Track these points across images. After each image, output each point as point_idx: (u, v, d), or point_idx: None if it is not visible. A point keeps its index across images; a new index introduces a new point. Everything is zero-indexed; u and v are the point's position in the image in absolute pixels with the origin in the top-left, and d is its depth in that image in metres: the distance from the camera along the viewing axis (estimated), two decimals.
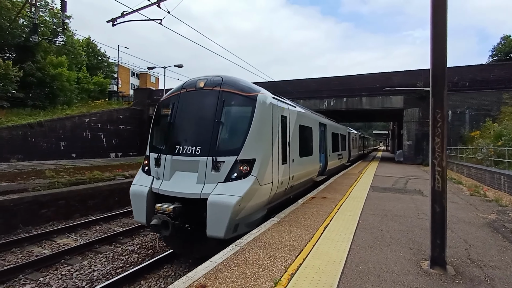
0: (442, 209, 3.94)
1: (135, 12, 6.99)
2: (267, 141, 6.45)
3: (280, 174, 6.99)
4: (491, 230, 5.84)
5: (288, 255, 4.37)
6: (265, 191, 6.27)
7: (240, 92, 6.34)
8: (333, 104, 26.46)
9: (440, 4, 4.01)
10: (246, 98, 6.30)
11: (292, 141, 8.14)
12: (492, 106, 21.44)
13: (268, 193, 6.41)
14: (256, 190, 5.84)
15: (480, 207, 8.03)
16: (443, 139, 3.98)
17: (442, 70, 4.01)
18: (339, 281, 3.57)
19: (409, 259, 4.29)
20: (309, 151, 10.33)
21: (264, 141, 6.35)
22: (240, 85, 6.54)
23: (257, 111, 6.19)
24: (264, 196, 6.28)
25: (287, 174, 7.55)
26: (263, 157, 6.13)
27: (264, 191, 6.22)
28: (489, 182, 12.21)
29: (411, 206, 7.97)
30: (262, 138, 6.28)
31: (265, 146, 6.33)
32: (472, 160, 16.16)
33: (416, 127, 23.78)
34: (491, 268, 4.01)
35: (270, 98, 6.86)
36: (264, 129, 6.38)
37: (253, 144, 5.98)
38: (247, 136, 5.95)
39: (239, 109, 6.33)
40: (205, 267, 3.91)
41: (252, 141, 5.98)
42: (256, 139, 6.06)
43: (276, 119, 6.98)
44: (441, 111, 3.99)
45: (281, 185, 7.13)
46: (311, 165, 10.60)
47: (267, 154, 6.37)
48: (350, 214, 6.86)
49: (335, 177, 14.15)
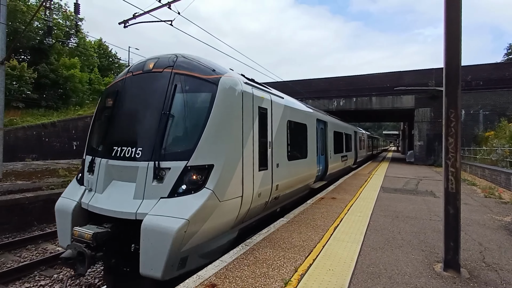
0: (456, 211, 3.86)
1: (146, 13, 7.09)
2: (233, 140, 4.85)
3: (256, 183, 5.46)
4: (507, 233, 5.69)
5: (298, 256, 4.35)
6: (230, 208, 4.75)
7: (197, 74, 4.82)
8: (342, 104, 26.25)
9: (454, 0, 3.93)
10: (204, 82, 4.77)
11: (277, 140, 6.63)
12: (507, 105, 20.89)
13: (235, 210, 4.90)
14: (214, 208, 4.32)
15: (495, 209, 7.83)
16: (457, 139, 3.90)
17: (456, 69, 3.93)
18: (349, 282, 3.54)
19: (422, 261, 4.21)
20: (303, 153, 8.68)
21: (228, 140, 4.75)
22: (199, 66, 4.99)
23: (219, 100, 4.64)
24: (228, 215, 4.76)
25: (268, 183, 6.06)
26: (226, 162, 4.58)
27: (228, 208, 4.68)
28: (505, 184, 11.89)
29: (423, 207, 7.83)
30: (225, 137, 4.69)
31: (229, 147, 4.75)
32: (487, 161, 15.76)
33: (428, 127, 23.37)
34: (507, 272, 3.90)
35: (240, 83, 5.23)
36: (229, 125, 4.79)
37: (211, 145, 4.46)
38: (203, 134, 4.43)
39: (195, 96, 4.79)
40: (215, 266, 3.93)
41: (210, 141, 4.45)
42: (215, 137, 4.52)
43: (250, 112, 5.38)
44: (455, 111, 3.91)
45: (258, 198, 5.63)
46: (305, 169, 8.87)
47: (233, 158, 4.80)
48: (360, 215, 6.78)
49: (345, 178, 14.01)
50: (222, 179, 4.45)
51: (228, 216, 4.78)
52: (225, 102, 4.75)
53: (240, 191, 4.92)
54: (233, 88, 4.97)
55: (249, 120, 5.31)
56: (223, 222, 4.72)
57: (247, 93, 5.33)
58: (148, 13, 7.08)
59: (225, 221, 4.77)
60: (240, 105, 5.07)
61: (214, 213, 4.34)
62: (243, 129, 5.08)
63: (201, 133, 4.46)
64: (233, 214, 4.90)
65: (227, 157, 4.67)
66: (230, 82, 4.95)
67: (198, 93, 4.79)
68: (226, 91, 4.80)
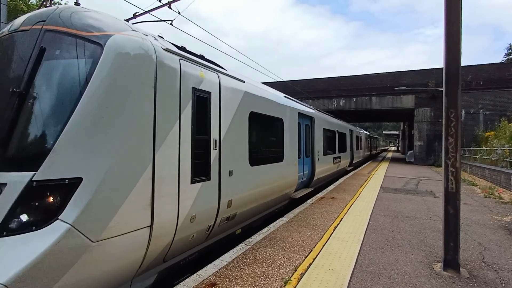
0: (456, 211, 3.87)
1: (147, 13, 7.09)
2: (131, 137, 3.10)
3: (186, 202, 3.83)
4: (506, 233, 5.69)
5: (297, 255, 4.36)
6: (123, 250, 3.01)
7: (74, 31, 3.15)
8: (342, 104, 26.26)
9: (454, 0, 3.93)
10: (82, 42, 3.11)
11: (230, 139, 4.92)
12: (507, 105, 20.90)
13: (136, 251, 3.18)
14: (80, 254, 2.62)
15: (495, 209, 7.84)
16: (457, 139, 3.91)
17: (456, 69, 3.94)
18: (349, 282, 3.54)
19: (421, 261, 4.22)
20: (276, 156, 6.90)
21: (120, 136, 3.00)
22: (81, 19, 3.27)
23: (104, 70, 2.98)
24: (119, 260, 3.01)
25: (212, 199, 4.39)
26: (111, 173, 2.86)
27: (117, 249, 2.94)
28: (505, 184, 11.89)
29: (423, 207, 7.84)
30: (113, 130, 2.96)
31: (121, 148, 2.99)
32: (487, 161, 15.77)
33: (428, 127, 23.37)
34: (506, 272, 3.91)
35: (153, 48, 3.49)
36: (123, 111, 3.06)
37: (81, 145, 2.78)
38: (67, 126, 2.77)
39: (66, 65, 3.09)
40: (215, 265, 3.94)
41: (78, 138, 2.78)
42: (90, 132, 2.83)
43: (174, 94, 3.73)
44: (455, 111, 3.92)
45: (190, 224, 3.95)
46: (281, 176, 7.04)
47: (129, 166, 3.06)
48: (360, 215, 6.79)
49: (344, 178, 14.02)
50: (98, 203, 2.71)
51: (118, 263, 2.99)
52: (116, 75, 3.03)
53: (146, 218, 3.21)
54: (135, 54, 3.23)
55: (171, 107, 3.63)
56: (108, 272, 2.92)
57: (168, 66, 3.63)
58: (148, 13, 7.09)
59: (112, 271, 2.95)
60: (152, 82, 3.35)
61: (81, 261, 2.61)
62: (156, 119, 3.38)
63: (65, 124, 2.76)
64: (132, 257, 3.15)
65: (115, 164, 2.89)
66: (128, 44, 3.19)
67: (70, 59, 3.06)
68: (119, 58, 3.07)
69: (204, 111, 4.32)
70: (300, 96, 24.53)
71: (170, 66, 3.70)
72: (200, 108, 4.23)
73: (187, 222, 3.86)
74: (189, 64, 4.10)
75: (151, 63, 3.39)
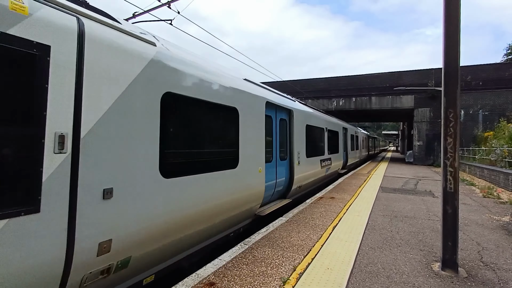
0: (454, 211, 3.88)
1: (146, 13, 7.09)
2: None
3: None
4: (505, 232, 5.71)
5: (296, 255, 4.36)
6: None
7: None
8: (342, 104, 26.27)
9: (453, 1, 3.94)
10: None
11: (111, 132, 3.02)
12: (507, 106, 20.93)
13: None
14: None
15: (493, 209, 7.85)
16: (456, 139, 3.92)
17: (455, 69, 3.95)
18: (348, 281, 3.55)
19: (420, 261, 4.23)
20: (223, 159, 4.92)
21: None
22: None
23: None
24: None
25: (45, 250, 2.40)
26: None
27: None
28: (503, 184, 11.92)
29: (422, 207, 7.85)
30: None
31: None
32: (485, 161, 15.79)
33: (427, 127, 23.40)
34: (504, 271, 3.92)
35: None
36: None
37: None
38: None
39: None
40: (214, 265, 3.94)
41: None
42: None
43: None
44: (454, 111, 3.92)
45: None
46: (233, 188, 5.10)
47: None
48: (359, 215, 6.80)
49: (343, 178, 14.03)
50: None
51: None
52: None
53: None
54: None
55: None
56: None
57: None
58: (148, 12, 7.08)
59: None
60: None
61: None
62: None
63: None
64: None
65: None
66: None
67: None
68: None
69: (26, 76, 2.33)
70: (299, 95, 24.55)
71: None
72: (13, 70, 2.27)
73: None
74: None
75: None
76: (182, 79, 4.02)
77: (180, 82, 3.97)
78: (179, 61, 4.04)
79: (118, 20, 3.49)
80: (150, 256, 3.57)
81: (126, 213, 3.11)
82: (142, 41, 3.53)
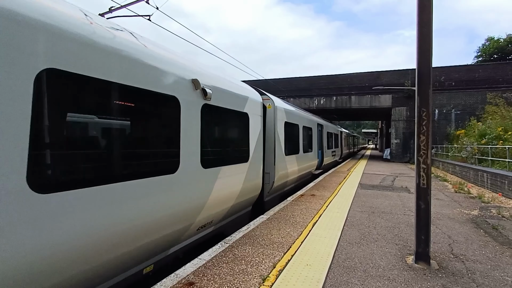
0: (427, 206, 4.04)
1: (123, 7, 6.86)
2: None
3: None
4: (473, 225, 6.02)
5: (276, 252, 4.40)
6: None
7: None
8: (323, 103, 26.71)
9: (426, 4, 4.09)
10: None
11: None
12: (477, 105, 22.05)
13: None
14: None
15: (464, 203, 8.26)
16: (428, 137, 4.08)
17: (427, 69, 4.10)
18: (326, 277, 3.62)
19: (395, 254, 4.38)
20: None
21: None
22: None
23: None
24: None
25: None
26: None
27: None
28: (473, 180, 12.56)
29: (398, 203, 8.13)
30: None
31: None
32: (458, 158, 16.59)
33: (404, 126, 24.25)
34: (472, 262, 4.13)
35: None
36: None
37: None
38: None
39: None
40: (194, 265, 3.90)
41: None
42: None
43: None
44: (426, 109, 4.08)
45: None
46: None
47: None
48: (338, 211, 6.94)
49: (324, 175, 14.28)
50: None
51: None
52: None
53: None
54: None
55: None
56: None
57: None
58: (125, 7, 6.86)
59: None
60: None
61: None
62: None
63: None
64: None
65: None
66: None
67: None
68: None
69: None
70: (282, 94, 24.71)
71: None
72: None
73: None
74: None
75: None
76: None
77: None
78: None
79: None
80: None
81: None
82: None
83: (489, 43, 39.26)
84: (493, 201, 8.67)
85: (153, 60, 3.62)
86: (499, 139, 13.96)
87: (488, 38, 39.57)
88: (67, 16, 2.70)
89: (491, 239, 5.15)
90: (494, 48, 37.97)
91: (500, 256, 4.37)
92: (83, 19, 2.96)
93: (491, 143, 14.09)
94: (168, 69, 3.87)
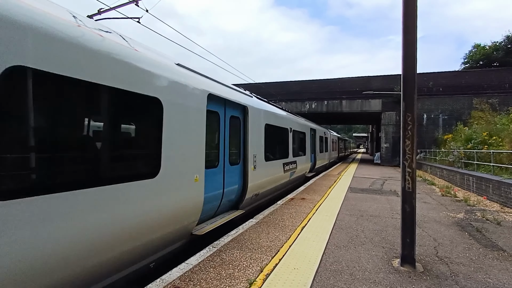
0: (412, 209, 4.10)
1: (112, 9, 6.81)
2: None
3: None
4: (459, 228, 6.13)
5: (264, 256, 4.39)
6: None
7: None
8: (314, 107, 26.94)
9: (411, 12, 4.18)
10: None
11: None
12: (463, 110, 22.59)
13: None
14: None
15: (450, 206, 8.41)
16: (413, 141, 4.15)
17: (412, 75, 4.18)
18: (313, 280, 3.62)
19: (381, 258, 4.42)
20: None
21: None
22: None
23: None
24: None
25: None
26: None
27: None
28: (460, 183, 12.81)
29: (386, 206, 8.22)
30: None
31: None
32: (445, 162, 16.91)
33: (393, 130, 24.62)
34: (456, 265, 4.21)
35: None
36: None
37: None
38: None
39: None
40: (180, 269, 3.85)
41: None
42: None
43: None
44: (411, 114, 4.15)
45: None
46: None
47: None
48: (327, 215, 6.98)
49: (315, 179, 14.36)
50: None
51: None
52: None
53: None
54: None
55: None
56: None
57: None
58: (114, 9, 6.81)
59: None
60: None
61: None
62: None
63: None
64: None
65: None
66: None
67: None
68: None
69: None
70: (273, 98, 24.81)
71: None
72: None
73: None
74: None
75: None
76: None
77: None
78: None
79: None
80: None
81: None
82: None
83: (475, 50, 40.30)
84: (478, 204, 8.85)
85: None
86: (484, 144, 14.31)
87: (475, 45, 40.59)
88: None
89: (475, 242, 5.25)
90: (480, 55, 38.99)
91: (483, 259, 4.46)
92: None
93: (477, 147, 14.42)
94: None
